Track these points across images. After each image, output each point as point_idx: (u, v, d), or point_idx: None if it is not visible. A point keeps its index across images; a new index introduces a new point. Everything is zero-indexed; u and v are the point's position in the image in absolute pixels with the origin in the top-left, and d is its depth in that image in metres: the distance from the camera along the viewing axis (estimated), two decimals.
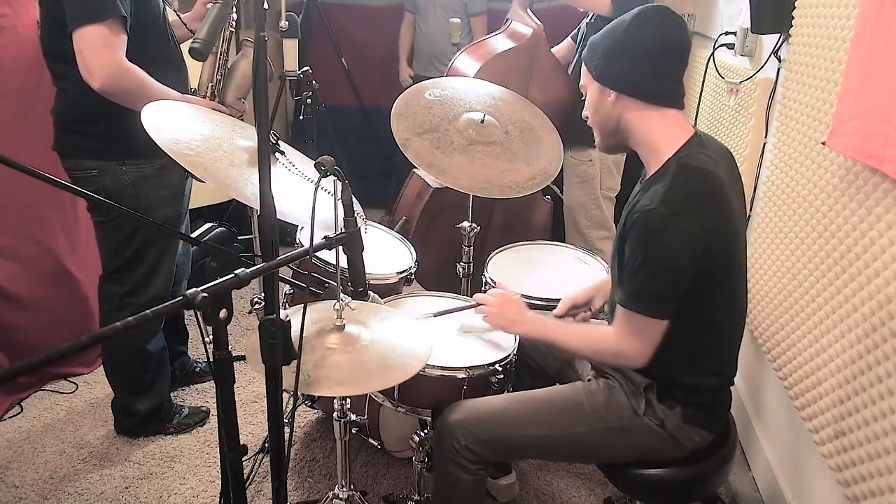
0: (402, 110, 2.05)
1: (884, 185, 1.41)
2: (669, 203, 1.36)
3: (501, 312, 1.66)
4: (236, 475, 1.24)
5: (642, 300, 1.42)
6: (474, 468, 1.56)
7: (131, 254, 2.09)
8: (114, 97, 1.82)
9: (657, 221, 1.37)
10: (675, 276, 1.39)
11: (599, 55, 1.48)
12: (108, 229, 2.09)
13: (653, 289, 1.41)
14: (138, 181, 2.01)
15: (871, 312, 1.43)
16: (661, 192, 1.38)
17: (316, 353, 1.39)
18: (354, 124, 4.00)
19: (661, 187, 1.39)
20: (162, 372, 2.32)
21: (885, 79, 1.35)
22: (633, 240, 1.41)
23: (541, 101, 2.59)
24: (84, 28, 1.74)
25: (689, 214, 1.37)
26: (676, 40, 1.46)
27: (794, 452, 1.94)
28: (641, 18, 1.44)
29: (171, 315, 2.35)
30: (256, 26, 1.15)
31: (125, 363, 2.25)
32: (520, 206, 2.90)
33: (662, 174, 1.44)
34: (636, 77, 1.45)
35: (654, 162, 1.49)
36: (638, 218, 1.39)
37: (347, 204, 1.31)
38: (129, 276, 2.12)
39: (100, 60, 1.76)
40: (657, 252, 1.38)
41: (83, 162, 1.98)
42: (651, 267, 1.39)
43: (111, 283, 2.16)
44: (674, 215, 1.36)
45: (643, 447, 1.54)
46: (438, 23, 3.67)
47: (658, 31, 1.43)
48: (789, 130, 1.98)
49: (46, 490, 2.11)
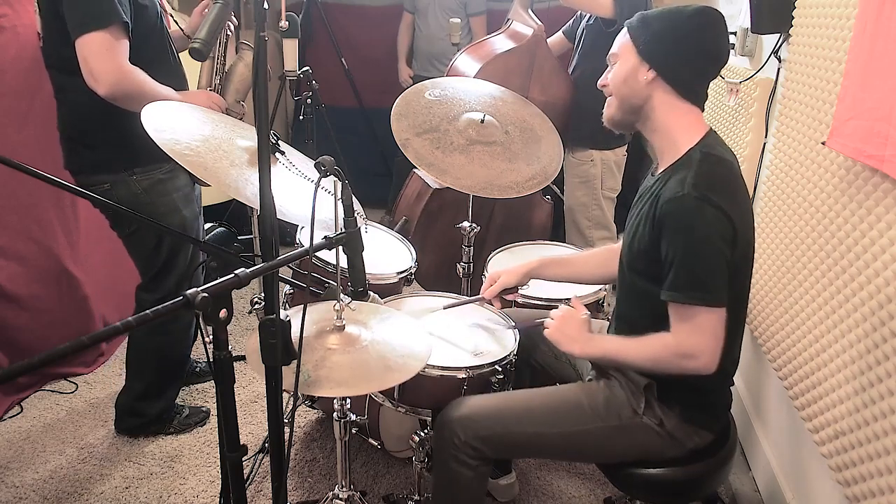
0: (401, 110, 2.05)
1: (884, 185, 1.41)
2: (700, 187, 1.36)
3: (561, 328, 1.60)
4: (236, 475, 1.24)
5: (692, 289, 1.37)
6: (474, 464, 1.55)
7: (163, 262, 2.12)
8: (119, 102, 1.83)
9: (691, 206, 1.36)
10: (718, 258, 1.37)
11: (652, 34, 1.47)
12: (134, 242, 2.12)
13: (700, 275, 1.37)
14: (150, 188, 2.02)
15: (871, 312, 1.43)
16: (691, 179, 1.38)
17: (316, 354, 1.39)
18: (354, 124, 4.00)
19: (689, 174, 1.39)
20: (178, 378, 2.36)
21: (885, 79, 1.35)
22: (669, 230, 1.39)
23: (541, 101, 2.60)
24: (87, 35, 1.75)
25: (720, 198, 1.37)
26: (726, 52, 1.50)
27: (794, 452, 1.94)
28: (707, 21, 1.45)
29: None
30: (256, 26, 1.15)
31: (150, 367, 2.27)
32: (520, 207, 2.90)
33: (683, 164, 1.44)
34: (684, 69, 1.46)
35: (669, 153, 1.49)
36: (669, 206, 1.38)
37: (347, 204, 1.31)
38: (161, 284, 2.16)
39: (104, 66, 1.77)
40: (695, 236, 1.37)
41: (95, 177, 1.99)
42: (692, 252, 1.37)
43: (147, 291, 2.20)
44: (706, 198, 1.36)
45: (642, 446, 1.54)
46: (438, 23, 3.67)
47: (718, 38, 1.47)
48: (789, 130, 1.98)
49: (46, 490, 2.11)
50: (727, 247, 1.37)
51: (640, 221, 1.49)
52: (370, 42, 4.06)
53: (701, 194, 1.36)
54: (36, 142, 2.38)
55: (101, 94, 1.79)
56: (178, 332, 2.29)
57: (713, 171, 1.41)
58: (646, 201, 1.49)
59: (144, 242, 2.10)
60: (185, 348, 2.29)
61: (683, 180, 1.39)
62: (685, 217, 1.37)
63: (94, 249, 2.67)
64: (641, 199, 1.54)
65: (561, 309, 1.65)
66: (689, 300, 1.38)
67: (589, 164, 2.77)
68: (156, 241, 2.09)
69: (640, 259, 1.50)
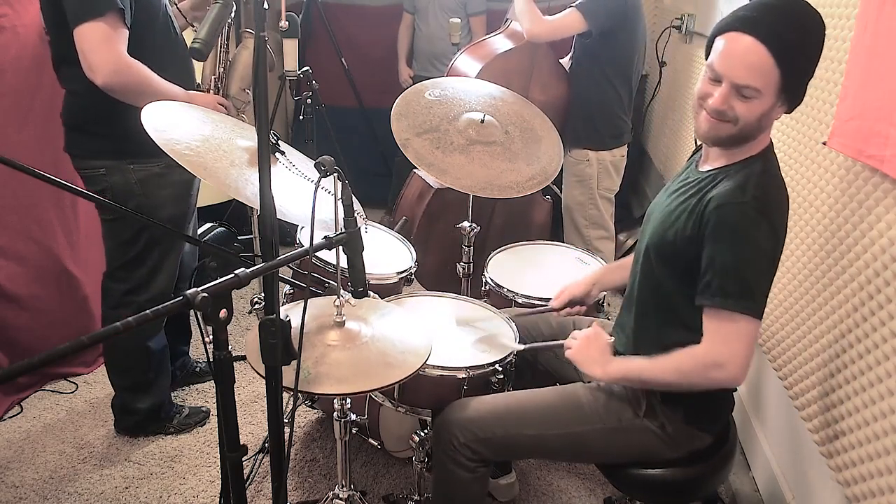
0: (401, 110, 2.05)
1: (884, 185, 1.41)
2: (761, 200, 1.33)
3: (584, 350, 1.58)
4: (236, 475, 1.24)
5: (739, 297, 1.32)
6: (473, 466, 1.55)
7: (135, 253, 2.10)
8: (117, 93, 1.83)
9: (751, 217, 1.32)
10: (767, 273, 1.35)
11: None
12: (114, 228, 2.11)
13: (751, 285, 1.33)
14: (145, 180, 2.01)
15: (871, 313, 1.43)
16: (753, 189, 1.33)
17: (316, 350, 1.39)
18: (354, 124, 3.99)
19: (749, 183, 1.34)
20: (163, 371, 2.32)
21: (885, 79, 1.35)
22: (723, 235, 1.33)
23: (542, 101, 2.60)
24: (84, 25, 1.75)
25: (776, 217, 1.35)
26: None
27: (794, 452, 1.94)
28: (817, 26, 1.33)
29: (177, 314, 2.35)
30: (256, 26, 1.15)
31: (126, 361, 2.25)
32: (520, 206, 2.90)
33: (743, 168, 1.39)
34: (804, 91, 1.37)
35: (728, 154, 1.43)
36: (726, 210, 1.33)
37: (347, 204, 1.31)
38: (131, 274, 2.13)
39: (101, 56, 1.77)
40: (752, 247, 1.33)
41: (91, 161, 1.99)
42: (747, 262, 1.33)
43: (114, 280, 2.17)
44: (767, 213, 1.32)
45: (642, 448, 1.54)
46: (438, 23, 3.67)
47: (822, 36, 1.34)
48: (789, 130, 1.98)
49: (46, 490, 2.11)
50: (772, 265, 1.36)
51: (681, 213, 1.43)
52: (370, 42, 4.06)
53: (762, 207, 1.32)
54: (36, 142, 2.38)
55: (98, 84, 1.79)
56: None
57: (772, 189, 1.38)
58: (689, 194, 1.44)
59: (125, 230, 2.08)
60: (154, 333, 2.24)
61: (744, 188, 1.34)
62: (744, 226, 1.33)
63: (94, 249, 2.66)
64: (684, 190, 1.48)
65: (584, 331, 1.62)
66: (738, 308, 1.33)
67: (585, 164, 2.77)
68: (135, 232, 2.07)
69: (668, 249, 1.45)
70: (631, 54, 2.65)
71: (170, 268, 2.17)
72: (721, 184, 1.39)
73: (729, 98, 1.33)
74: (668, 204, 1.50)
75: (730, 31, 1.33)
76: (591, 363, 1.54)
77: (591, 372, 1.53)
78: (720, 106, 1.34)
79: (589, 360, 1.55)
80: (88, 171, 2.01)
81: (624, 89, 2.69)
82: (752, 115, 1.33)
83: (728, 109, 1.34)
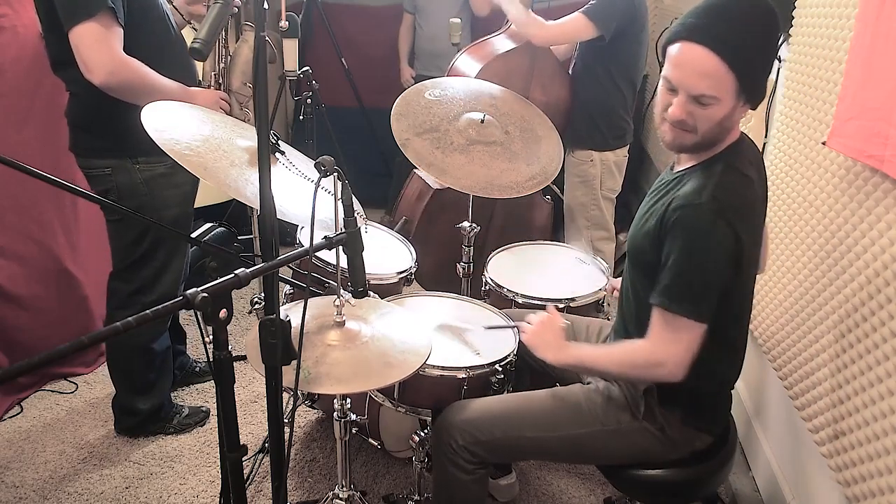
0: (402, 110, 2.05)
1: (884, 185, 1.41)
2: (718, 202, 1.31)
3: (539, 334, 1.59)
4: (236, 475, 1.24)
5: (684, 300, 1.34)
6: (472, 468, 1.55)
7: (141, 253, 2.10)
8: (115, 92, 1.83)
9: (705, 217, 1.31)
10: (717, 277, 1.34)
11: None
12: (119, 228, 2.10)
13: (696, 289, 1.34)
14: (150, 180, 2.01)
15: (871, 313, 1.43)
16: (711, 189, 1.33)
17: (316, 350, 1.39)
18: (354, 124, 3.99)
19: (708, 183, 1.34)
20: (164, 372, 2.33)
21: (885, 79, 1.35)
22: (677, 235, 1.34)
23: (542, 101, 2.59)
24: (77, 27, 1.75)
25: (733, 218, 1.32)
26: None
27: (794, 452, 1.94)
28: (764, 18, 1.30)
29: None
30: (256, 26, 1.15)
31: (129, 361, 2.25)
32: (520, 207, 2.90)
33: (705, 169, 1.39)
34: (765, 86, 1.36)
35: (696, 156, 1.44)
36: (683, 212, 1.33)
37: (347, 204, 1.31)
38: (137, 274, 2.13)
39: (96, 56, 1.77)
40: (702, 249, 1.33)
41: (96, 161, 1.99)
42: (696, 265, 1.33)
43: (120, 280, 2.16)
44: (721, 215, 1.31)
45: (642, 449, 1.54)
46: (439, 22, 3.66)
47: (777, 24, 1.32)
48: (789, 130, 1.98)
49: (46, 490, 2.11)
50: (730, 267, 1.34)
51: (650, 215, 1.44)
52: (370, 42, 4.05)
53: (718, 208, 1.31)
54: (36, 142, 2.38)
55: (96, 84, 1.79)
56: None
57: (734, 187, 1.36)
58: (660, 197, 1.45)
59: (129, 231, 2.08)
60: (158, 334, 2.24)
61: (702, 188, 1.34)
62: (696, 227, 1.33)
63: (94, 249, 2.66)
64: (657, 192, 1.49)
65: (539, 315, 1.63)
66: (679, 311, 1.35)
67: (588, 165, 2.77)
68: (140, 232, 2.07)
69: (640, 251, 1.47)
70: (637, 56, 2.64)
71: (176, 269, 2.17)
72: (686, 185, 1.39)
73: (687, 106, 1.33)
74: (644, 206, 1.52)
75: (679, 41, 1.33)
76: (545, 347, 1.55)
77: (544, 356, 1.54)
78: (679, 116, 1.34)
79: (543, 345, 1.56)
80: (93, 171, 2.00)
81: (628, 90, 2.68)
82: (713, 121, 1.33)
83: (688, 118, 1.34)
